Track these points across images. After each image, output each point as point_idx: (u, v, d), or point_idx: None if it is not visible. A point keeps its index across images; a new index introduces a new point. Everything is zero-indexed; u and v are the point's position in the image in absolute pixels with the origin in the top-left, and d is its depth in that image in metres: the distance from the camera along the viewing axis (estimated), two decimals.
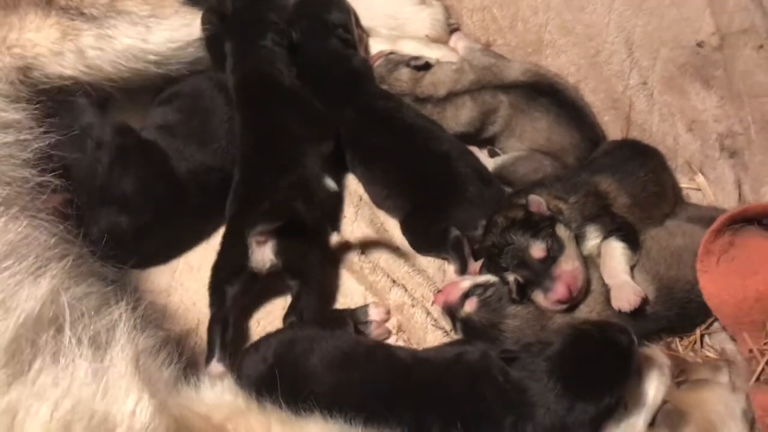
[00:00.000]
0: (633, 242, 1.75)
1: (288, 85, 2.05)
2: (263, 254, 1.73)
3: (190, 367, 1.48)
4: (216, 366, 1.66)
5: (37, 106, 1.72)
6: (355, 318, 1.80)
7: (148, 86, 2.08)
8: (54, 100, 1.78)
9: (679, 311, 1.72)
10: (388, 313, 1.85)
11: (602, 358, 1.48)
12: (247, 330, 1.84)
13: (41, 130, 1.65)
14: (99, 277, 1.47)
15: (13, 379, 1.03)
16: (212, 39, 2.08)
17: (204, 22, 2.06)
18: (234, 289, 1.75)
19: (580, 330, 1.54)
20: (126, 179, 1.85)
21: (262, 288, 1.83)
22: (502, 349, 1.55)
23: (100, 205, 1.81)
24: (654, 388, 1.60)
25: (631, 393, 1.57)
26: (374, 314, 1.82)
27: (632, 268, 1.73)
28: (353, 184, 2.10)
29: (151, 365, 1.24)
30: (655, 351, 1.68)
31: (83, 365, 1.12)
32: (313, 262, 1.80)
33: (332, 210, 2.01)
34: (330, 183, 1.96)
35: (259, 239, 1.72)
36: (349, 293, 1.90)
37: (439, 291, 1.77)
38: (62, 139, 1.70)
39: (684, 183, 2.07)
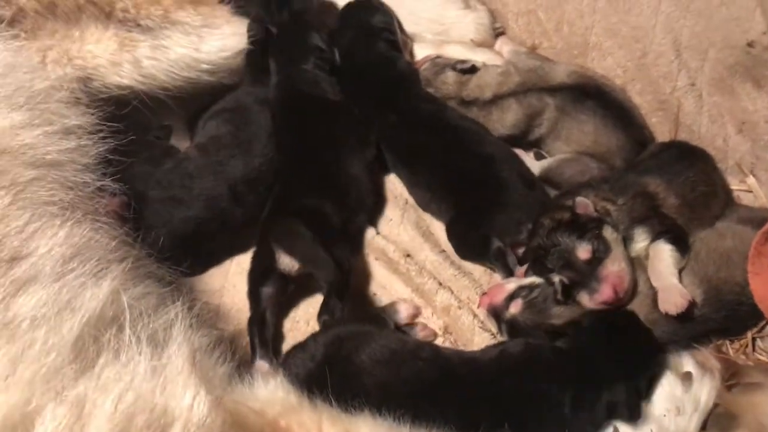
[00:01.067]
0: (682, 244, 1.74)
1: (330, 99, 2.11)
2: (291, 257, 1.77)
3: (243, 365, 1.53)
4: (261, 363, 1.71)
5: (95, 112, 1.78)
6: (383, 316, 1.81)
7: (200, 94, 2.15)
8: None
9: (728, 314, 1.70)
10: (418, 308, 1.86)
11: (634, 323, 1.62)
12: (296, 329, 1.88)
13: (100, 135, 1.71)
14: (156, 278, 1.51)
15: (80, 374, 1.08)
16: (254, 50, 2.13)
17: (250, 30, 2.11)
18: (268, 290, 1.79)
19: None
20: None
21: (304, 288, 1.87)
22: (547, 328, 1.61)
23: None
24: (705, 391, 1.59)
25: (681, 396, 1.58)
26: (403, 310, 1.83)
27: (680, 270, 1.71)
28: (399, 187, 2.12)
29: (206, 363, 1.28)
30: (705, 354, 1.67)
31: (143, 362, 1.16)
32: (339, 257, 1.80)
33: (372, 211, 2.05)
34: None
35: None
36: (396, 295, 1.92)
37: (484, 293, 1.78)
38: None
39: (735, 185, 2.04)
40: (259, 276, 1.81)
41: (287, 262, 1.77)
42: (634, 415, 1.52)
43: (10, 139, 1.41)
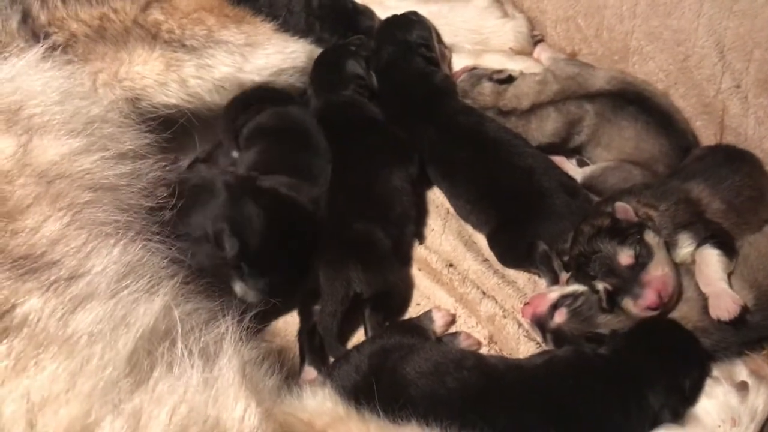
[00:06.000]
0: (729, 249, 1.70)
1: (370, 119, 2.15)
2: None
3: (291, 377, 1.56)
4: (309, 370, 1.75)
5: (147, 135, 1.85)
6: (422, 326, 1.82)
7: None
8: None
9: None
10: (452, 316, 1.86)
11: (672, 327, 1.63)
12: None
13: (153, 159, 1.77)
14: (206, 293, 1.55)
15: (136, 387, 1.13)
16: None
17: None
18: (318, 308, 1.83)
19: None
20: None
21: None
22: (588, 336, 1.61)
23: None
24: (761, 400, 1.56)
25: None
26: (438, 318, 1.83)
27: (729, 275, 1.68)
28: (440, 197, 2.13)
29: (256, 375, 1.31)
30: (758, 362, 1.64)
31: (195, 374, 1.20)
32: (392, 282, 1.85)
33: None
34: None
35: None
36: (441, 305, 1.92)
37: (527, 303, 1.77)
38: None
39: None
40: (310, 296, 1.85)
41: None
42: (676, 415, 1.51)
43: (68, 165, 1.48)
